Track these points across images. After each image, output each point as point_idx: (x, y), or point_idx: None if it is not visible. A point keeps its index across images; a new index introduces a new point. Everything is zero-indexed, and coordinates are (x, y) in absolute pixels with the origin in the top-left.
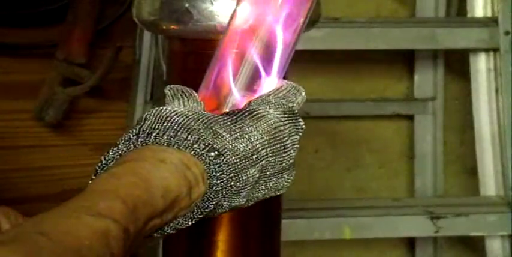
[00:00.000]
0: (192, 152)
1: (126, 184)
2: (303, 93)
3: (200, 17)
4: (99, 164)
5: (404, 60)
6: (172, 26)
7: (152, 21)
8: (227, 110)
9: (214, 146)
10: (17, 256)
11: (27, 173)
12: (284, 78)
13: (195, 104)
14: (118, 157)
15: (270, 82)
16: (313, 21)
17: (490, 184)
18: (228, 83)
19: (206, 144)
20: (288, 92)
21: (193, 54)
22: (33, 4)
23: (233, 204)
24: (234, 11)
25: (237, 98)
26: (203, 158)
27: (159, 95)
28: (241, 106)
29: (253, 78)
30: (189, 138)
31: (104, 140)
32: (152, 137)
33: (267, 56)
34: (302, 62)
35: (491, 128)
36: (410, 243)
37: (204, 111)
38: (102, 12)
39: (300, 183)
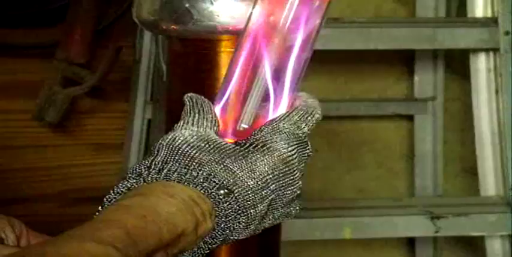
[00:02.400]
0: (202, 190)
1: (133, 215)
2: (318, 113)
3: (200, 17)
4: (107, 197)
5: (404, 60)
6: (172, 26)
7: (152, 21)
8: (243, 125)
9: (225, 183)
10: None
11: (27, 173)
12: None
13: (209, 124)
14: (127, 190)
15: (284, 100)
16: None
17: (490, 184)
18: (244, 95)
19: (216, 182)
20: (299, 116)
21: (193, 54)
22: (34, 4)
23: (240, 238)
24: (247, 25)
25: (253, 112)
26: (212, 196)
27: (159, 95)
28: (259, 121)
29: (267, 93)
30: (199, 176)
31: (104, 140)
32: (163, 173)
33: (281, 72)
34: None
35: (491, 128)
36: (410, 243)
37: (216, 138)
38: (102, 12)
39: None
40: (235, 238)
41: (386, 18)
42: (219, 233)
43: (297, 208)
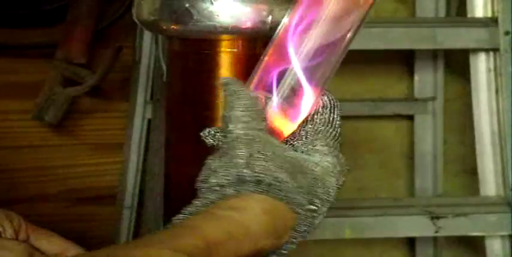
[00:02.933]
0: (296, 208)
1: (221, 230)
2: (338, 111)
3: (200, 17)
4: (196, 203)
5: (404, 60)
6: (172, 26)
7: (152, 21)
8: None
9: (312, 202)
10: None
11: (27, 173)
12: None
13: (262, 122)
14: (218, 199)
15: (308, 94)
16: None
17: (490, 184)
18: (267, 91)
19: (305, 198)
20: (331, 113)
21: (193, 54)
22: (33, 4)
23: (295, 247)
24: (284, 23)
25: (274, 107)
26: (300, 212)
27: (159, 95)
28: (277, 116)
29: (294, 90)
30: (299, 198)
31: (104, 140)
32: (264, 187)
33: (311, 69)
34: None
35: (491, 128)
36: (410, 243)
37: (293, 153)
38: (102, 12)
39: None
40: (294, 248)
41: (386, 18)
42: (288, 246)
43: None
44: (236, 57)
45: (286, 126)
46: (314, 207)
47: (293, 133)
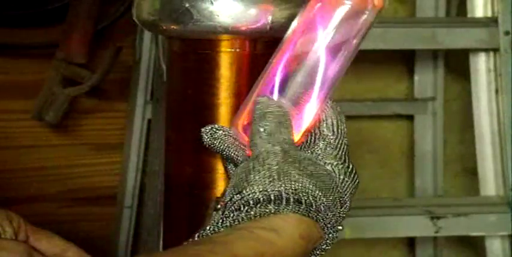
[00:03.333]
0: (323, 223)
1: (253, 249)
2: (343, 118)
3: (200, 17)
4: (222, 220)
5: (404, 60)
6: (172, 26)
7: (152, 21)
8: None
9: (338, 216)
10: None
11: (27, 173)
12: None
13: (289, 136)
14: (246, 219)
15: (314, 100)
16: None
17: (490, 184)
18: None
19: (335, 217)
20: (336, 120)
21: (193, 54)
22: (33, 4)
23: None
24: (293, 26)
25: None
26: (327, 230)
27: (159, 95)
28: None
29: (299, 94)
30: (327, 215)
31: (104, 140)
32: (301, 208)
33: (315, 77)
34: None
35: (491, 128)
36: (410, 243)
37: (311, 157)
38: (102, 12)
39: None
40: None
41: (386, 18)
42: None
43: None
44: (236, 57)
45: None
46: (341, 227)
47: (306, 143)
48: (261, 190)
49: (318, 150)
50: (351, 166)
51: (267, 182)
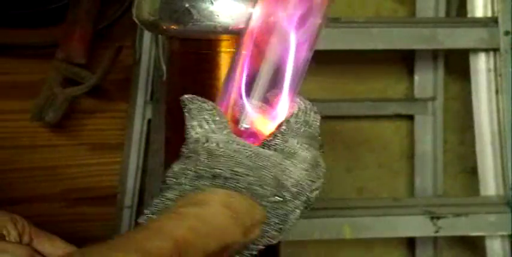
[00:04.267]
0: (258, 200)
1: (185, 227)
2: (318, 116)
3: (200, 17)
4: (155, 202)
5: (404, 60)
6: (172, 26)
7: (152, 21)
8: (244, 125)
9: (275, 191)
10: None
11: (27, 173)
12: None
13: (224, 124)
14: (177, 197)
15: (285, 95)
16: None
17: (490, 184)
18: (242, 96)
19: (269, 189)
20: (307, 114)
21: (193, 54)
22: (33, 4)
23: (274, 242)
24: (246, 26)
25: (252, 111)
26: (264, 203)
27: (159, 95)
28: (259, 120)
29: (268, 91)
30: (259, 189)
31: (104, 140)
32: (220, 181)
33: (280, 72)
34: None
35: (491, 128)
36: (410, 243)
37: (246, 143)
38: (102, 12)
39: None
40: (272, 242)
41: (386, 18)
42: (262, 240)
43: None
44: None
45: (268, 127)
46: (279, 198)
47: (271, 133)
48: (182, 172)
49: (280, 136)
50: (315, 154)
51: (190, 164)
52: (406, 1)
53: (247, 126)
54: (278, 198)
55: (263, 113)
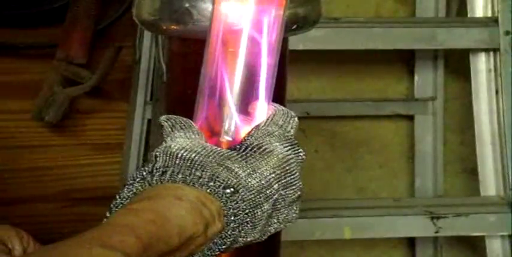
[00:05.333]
0: (208, 190)
1: (142, 220)
2: (296, 119)
3: (200, 17)
4: (114, 203)
5: (404, 60)
6: (172, 26)
7: (152, 21)
8: (226, 137)
9: (229, 182)
10: None
11: (27, 173)
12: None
13: (196, 136)
14: (133, 195)
15: (261, 105)
16: (313, 21)
17: (490, 184)
18: (221, 109)
19: (221, 181)
20: (282, 119)
21: (193, 54)
22: (33, 4)
23: (248, 239)
24: (210, 35)
25: (234, 123)
26: (219, 195)
27: (159, 95)
28: (240, 131)
29: (245, 101)
30: (203, 175)
31: (104, 140)
32: (167, 175)
33: (254, 78)
34: (302, 62)
35: (491, 128)
36: (410, 243)
37: (210, 145)
38: (102, 12)
39: None
40: (244, 239)
41: (386, 18)
42: (228, 233)
43: (297, 211)
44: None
45: None
46: (232, 190)
47: (243, 137)
48: (138, 171)
49: (252, 137)
50: (286, 158)
51: (149, 163)
52: (406, 1)
53: (229, 138)
54: (231, 190)
55: (244, 124)
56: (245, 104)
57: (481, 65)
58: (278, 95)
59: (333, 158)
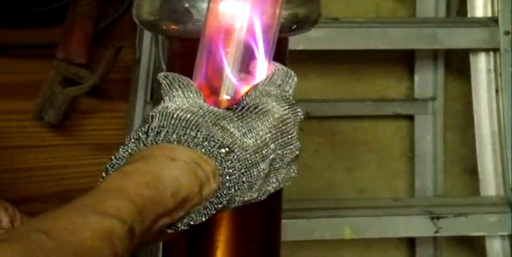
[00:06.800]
0: (203, 150)
1: (136, 183)
2: (295, 78)
3: (200, 17)
4: (109, 163)
5: (404, 60)
6: (172, 26)
7: (152, 22)
8: (225, 96)
9: (224, 142)
10: (16, 255)
11: (27, 173)
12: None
13: (195, 95)
14: (128, 155)
15: (262, 62)
16: (313, 21)
17: (490, 184)
18: (221, 67)
19: (216, 141)
20: (282, 80)
21: (193, 54)
22: (34, 4)
23: (246, 198)
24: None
25: (233, 82)
26: (214, 155)
27: (159, 95)
28: (240, 90)
29: (245, 60)
30: (198, 135)
31: (104, 140)
32: (162, 135)
33: (253, 36)
34: (302, 62)
35: (491, 128)
36: (410, 243)
37: (207, 104)
38: (102, 12)
39: (300, 183)
40: (241, 198)
41: (386, 18)
42: (224, 192)
43: (296, 170)
44: None
45: None
46: (227, 149)
47: (241, 96)
48: (139, 129)
49: (251, 96)
50: (283, 117)
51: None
52: (406, 1)
53: (228, 97)
54: (226, 149)
55: (244, 83)
56: (246, 63)
57: (481, 65)
58: None
59: (333, 158)
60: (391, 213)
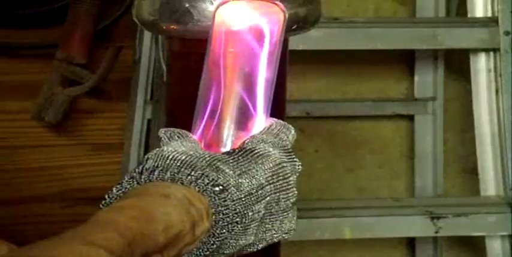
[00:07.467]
0: (196, 188)
1: (125, 216)
2: (293, 131)
3: (200, 17)
4: (103, 202)
5: (404, 60)
6: (172, 26)
7: (152, 22)
8: (222, 149)
9: (218, 181)
10: None
11: (27, 173)
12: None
13: (193, 144)
14: (122, 194)
15: (259, 120)
16: (313, 21)
17: (490, 184)
18: (219, 124)
19: (210, 179)
20: (279, 130)
21: (193, 54)
22: (33, 4)
23: (240, 242)
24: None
25: (232, 138)
26: (207, 193)
27: (159, 95)
28: (237, 145)
29: (243, 118)
30: (192, 173)
31: (104, 140)
32: (156, 173)
33: (252, 93)
34: (302, 62)
35: (491, 128)
36: (410, 243)
37: (203, 150)
38: (102, 12)
39: (300, 183)
40: (235, 241)
41: (386, 18)
42: (217, 231)
43: (294, 221)
44: None
45: None
46: (221, 188)
47: (241, 142)
48: (134, 170)
49: (245, 147)
50: (280, 163)
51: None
52: (406, 1)
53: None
54: (219, 188)
55: (241, 138)
56: (243, 120)
57: (481, 65)
58: (278, 95)
59: (333, 158)
60: (391, 213)
